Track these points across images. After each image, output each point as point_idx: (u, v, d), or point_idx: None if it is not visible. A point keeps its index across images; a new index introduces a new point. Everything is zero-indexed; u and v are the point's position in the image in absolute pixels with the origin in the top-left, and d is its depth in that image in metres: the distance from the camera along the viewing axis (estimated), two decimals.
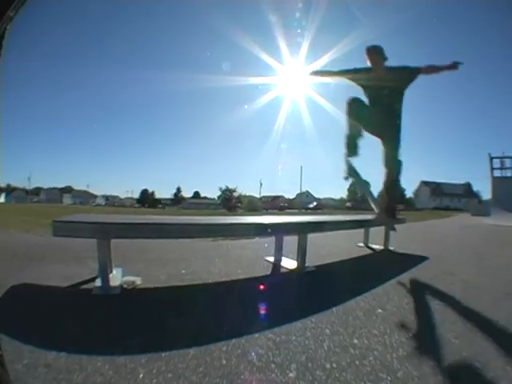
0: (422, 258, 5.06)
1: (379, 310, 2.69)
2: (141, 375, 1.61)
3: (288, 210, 42.12)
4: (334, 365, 1.77)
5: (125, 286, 3.12)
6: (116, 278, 3.22)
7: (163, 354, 1.82)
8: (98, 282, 3.08)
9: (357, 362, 1.81)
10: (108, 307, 2.64)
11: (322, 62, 6.01)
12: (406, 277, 3.80)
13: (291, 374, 1.67)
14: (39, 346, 1.83)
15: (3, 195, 73.51)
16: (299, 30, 8.06)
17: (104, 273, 3.00)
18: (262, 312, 2.57)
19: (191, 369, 1.68)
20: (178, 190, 78.23)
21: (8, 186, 77.25)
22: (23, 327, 2.09)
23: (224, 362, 1.76)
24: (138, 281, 3.22)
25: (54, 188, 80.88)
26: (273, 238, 4.37)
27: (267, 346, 1.97)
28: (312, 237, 4.37)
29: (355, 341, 2.10)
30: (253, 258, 4.66)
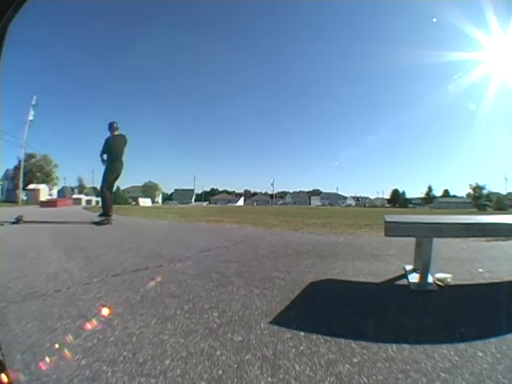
0: None
1: None
2: (478, 358, 1.93)
3: None
4: None
5: (438, 282, 3.34)
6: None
7: (490, 340, 2.13)
8: (414, 278, 3.44)
9: None
10: (431, 301, 3.00)
11: None
12: None
13: None
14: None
15: (242, 199, 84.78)
16: None
17: (425, 270, 3.31)
18: None
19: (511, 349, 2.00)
20: (430, 188, 73.55)
21: (246, 190, 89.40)
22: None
23: None
24: (449, 278, 3.40)
25: (301, 191, 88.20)
26: None
27: None
28: None
29: None
30: None
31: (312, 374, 1.72)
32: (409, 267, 3.79)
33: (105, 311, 2.50)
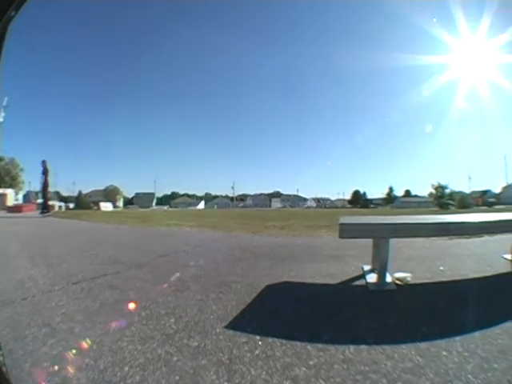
0: None
1: None
2: (443, 357, 1.93)
3: (497, 207, 35.98)
4: None
5: (397, 281, 3.38)
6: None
7: (454, 339, 2.15)
8: (372, 279, 3.47)
9: None
10: (389, 301, 3.02)
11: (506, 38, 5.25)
12: None
13: None
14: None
15: (202, 202, 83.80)
16: None
17: (382, 270, 3.36)
18: None
19: (480, 348, 2.02)
20: (391, 189, 75.64)
21: (206, 193, 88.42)
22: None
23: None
24: (409, 277, 3.44)
25: (262, 194, 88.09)
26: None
27: None
28: None
29: None
30: (492, 256, 4.62)
31: (268, 378, 1.72)
32: (367, 267, 3.84)
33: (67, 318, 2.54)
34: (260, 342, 2.14)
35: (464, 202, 40.18)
